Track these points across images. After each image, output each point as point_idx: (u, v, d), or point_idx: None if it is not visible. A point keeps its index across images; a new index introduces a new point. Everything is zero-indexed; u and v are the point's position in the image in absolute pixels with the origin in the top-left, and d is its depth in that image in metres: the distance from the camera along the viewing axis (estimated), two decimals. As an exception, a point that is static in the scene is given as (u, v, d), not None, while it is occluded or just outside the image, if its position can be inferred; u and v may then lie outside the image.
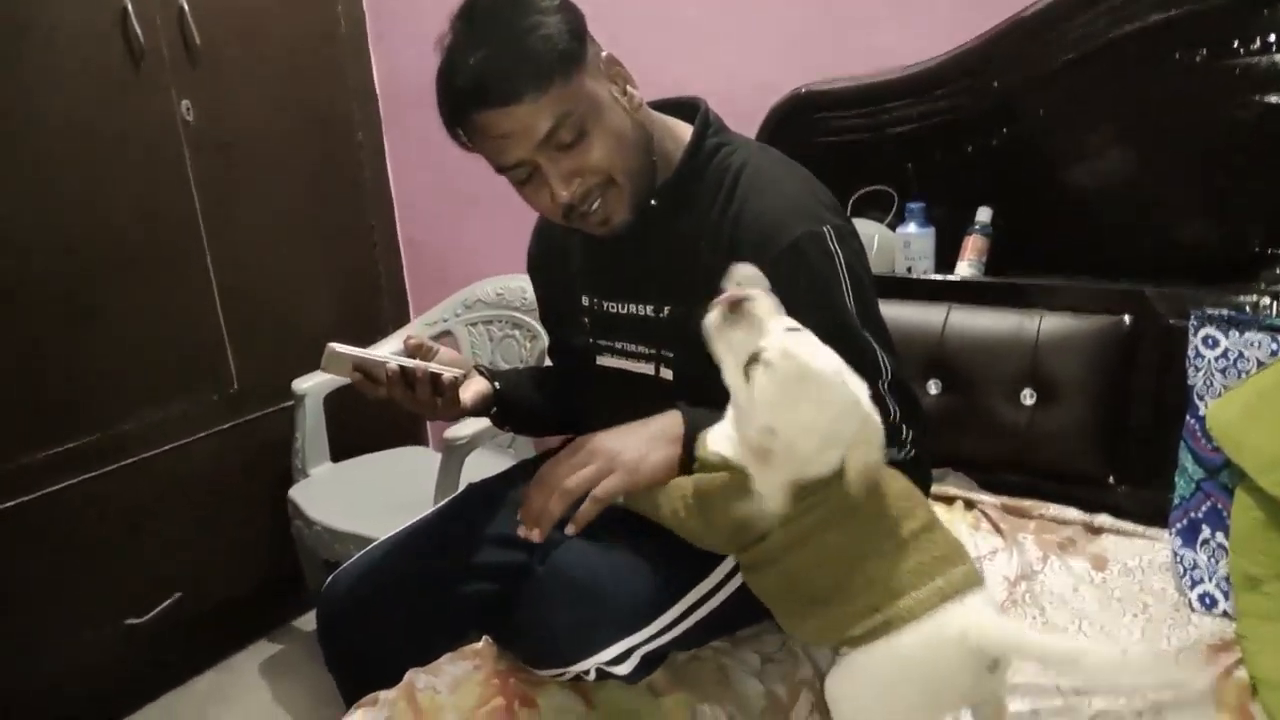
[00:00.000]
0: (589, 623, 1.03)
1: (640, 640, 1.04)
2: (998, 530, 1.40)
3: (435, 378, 1.14)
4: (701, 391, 1.07)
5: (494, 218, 2.46)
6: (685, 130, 1.17)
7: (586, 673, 1.05)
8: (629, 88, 1.11)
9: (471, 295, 2.44)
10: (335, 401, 2.30)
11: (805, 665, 1.14)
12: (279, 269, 2.35)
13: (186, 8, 2.03)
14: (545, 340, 2.20)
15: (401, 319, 2.68)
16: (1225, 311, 1.31)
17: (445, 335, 2.43)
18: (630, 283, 1.21)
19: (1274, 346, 1.26)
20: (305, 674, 2.21)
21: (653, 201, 1.13)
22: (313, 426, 2.28)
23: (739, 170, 1.12)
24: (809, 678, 1.12)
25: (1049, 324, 1.47)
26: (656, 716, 1.08)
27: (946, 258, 1.66)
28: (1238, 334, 1.29)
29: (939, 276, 1.61)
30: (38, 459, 1.89)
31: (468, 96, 1.02)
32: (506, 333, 2.40)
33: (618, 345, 1.25)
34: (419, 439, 2.76)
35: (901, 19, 1.71)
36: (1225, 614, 1.19)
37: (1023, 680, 1.08)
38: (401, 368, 1.11)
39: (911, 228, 1.65)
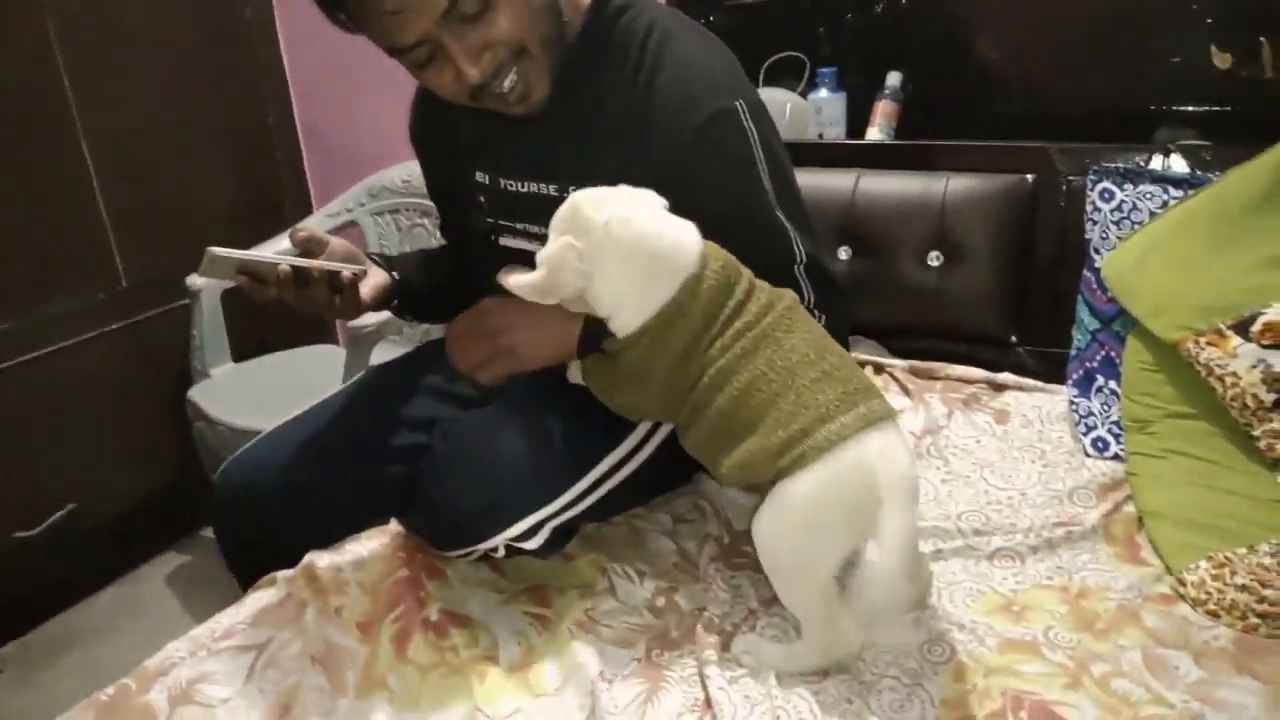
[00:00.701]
0: (494, 498, 1.01)
1: (549, 513, 1.02)
2: (905, 391, 1.42)
3: (332, 276, 1.04)
4: None
5: (399, 100, 2.34)
6: None
7: (495, 550, 1.03)
8: None
9: (377, 183, 2.33)
10: (234, 298, 2.18)
11: (713, 521, 1.14)
12: (166, 154, 2.19)
13: None
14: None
15: (303, 209, 2.55)
16: (1120, 165, 1.32)
17: (350, 226, 2.32)
18: (531, 160, 1.12)
19: (1165, 198, 1.28)
20: (217, 582, 2.16)
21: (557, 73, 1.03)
22: (210, 324, 2.17)
23: (646, 35, 1.04)
24: (716, 532, 1.12)
25: (955, 185, 1.46)
26: (568, 578, 1.07)
27: (858, 124, 1.63)
28: (1132, 186, 1.30)
29: (849, 141, 1.58)
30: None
31: None
32: (415, 221, 2.31)
33: (519, 226, 1.17)
34: (326, 336, 2.66)
35: None
36: (1116, 456, 1.23)
37: (925, 524, 1.11)
38: (294, 268, 1.00)
39: (823, 93, 1.62)
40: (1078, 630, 0.94)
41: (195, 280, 2.13)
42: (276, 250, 1.12)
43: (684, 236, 0.90)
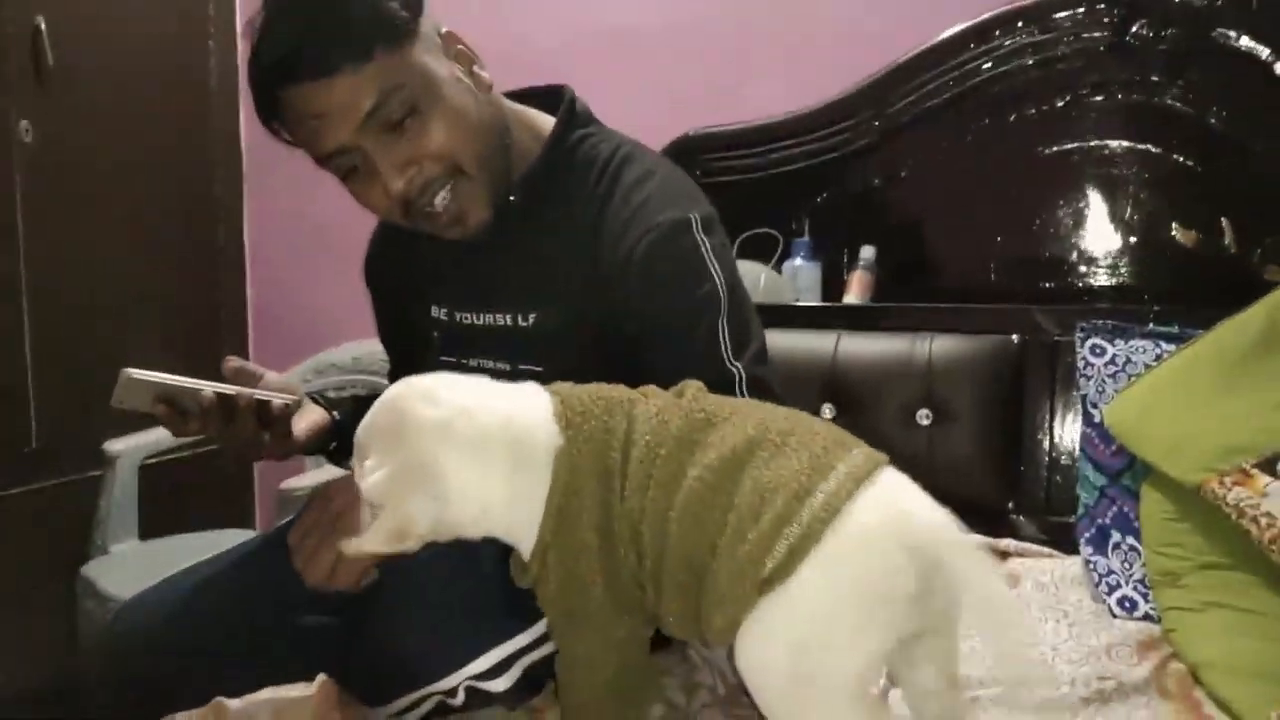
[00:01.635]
0: (455, 627, 0.87)
1: (521, 646, 0.87)
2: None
3: (262, 406, 0.93)
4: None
5: (352, 279, 2.33)
6: (546, 121, 1.04)
7: (453, 694, 0.86)
8: (475, 68, 0.97)
9: (325, 361, 2.24)
10: (153, 472, 2.00)
11: (704, 670, 0.98)
12: (108, 317, 2.10)
13: (44, 27, 1.87)
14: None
15: (241, 388, 2.44)
16: (1109, 322, 1.32)
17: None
18: (486, 290, 1.05)
19: (1158, 350, 1.27)
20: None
21: (511, 198, 0.99)
22: (122, 495, 1.96)
23: (608, 160, 1.01)
24: (710, 682, 0.96)
25: (940, 345, 1.45)
26: None
27: (832, 296, 1.64)
28: (1123, 341, 1.30)
29: (830, 303, 1.59)
30: None
31: (278, 70, 0.87)
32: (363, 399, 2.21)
33: (473, 362, 1.08)
34: (245, 520, 2.44)
35: (786, 72, 1.76)
36: (1147, 616, 1.12)
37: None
38: (219, 394, 0.91)
39: (798, 261, 1.64)
40: (1159, 787, 0.78)
41: (114, 445, 1.96)
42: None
43: (533, 407, 0.73)
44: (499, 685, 0.86)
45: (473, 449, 0.69)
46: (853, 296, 1.60)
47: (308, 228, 2.37)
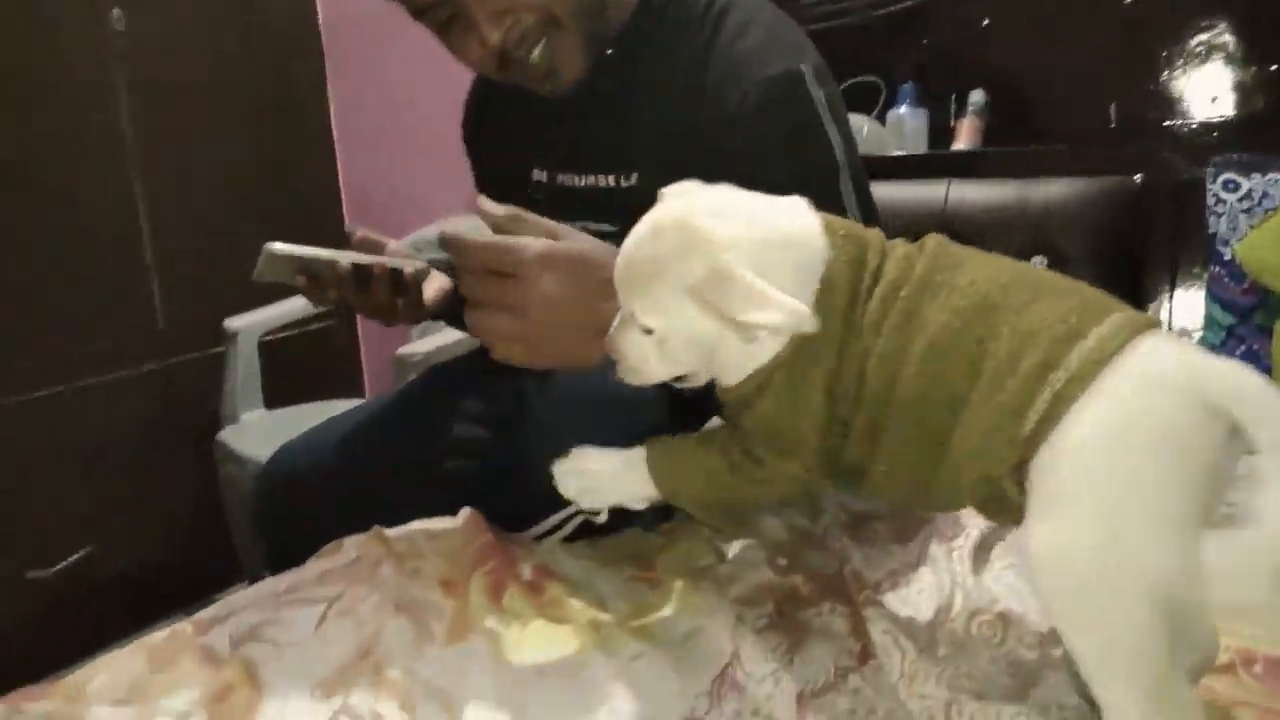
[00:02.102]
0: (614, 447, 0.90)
1: None
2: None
3: (395, 274, 0.97)
4: None
5: (444, 165, 2.36)
6: None
7: (598, 513, 0.91)
8: None
9: (420, 238, 2.29)
10: (268, 348, 2.11)
11: (826, 499, 1.00)
12: (213, 205, 2.19)
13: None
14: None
15: (340, 266, 2.53)
16: (1245, 155, 1.26)
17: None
18: (586, 151, 1.04)
19: (1298, 183, 1.21)
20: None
21: (608, 51, 0.97)
22: (246, 368, 2.08)
23: (708, 6, 0.97)
24: (831, 508, 0.98)
25: (1055, 189, 1.41)
26: (670, 550, 0.93)
27: (939, 145, 1.60)
28: (1260, 175, 1.24)
29: (938, 151, 1.55)
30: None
31: None
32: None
33: (577, 224, 1.05)
34: (354, 390, 2.58)
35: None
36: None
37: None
38: (355, 266, 0.94)
39: (903, 109, 1.59)
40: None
41: (234, 322, 2.06)
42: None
43: (805, 222, 0.66)
44: (634, 506, 0.90)
45: (759, 261, 0.62)
46: (963, 144, 1.55)
47: (393, 108, 2.40)
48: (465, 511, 0.98)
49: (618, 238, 0.93)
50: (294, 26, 2.38)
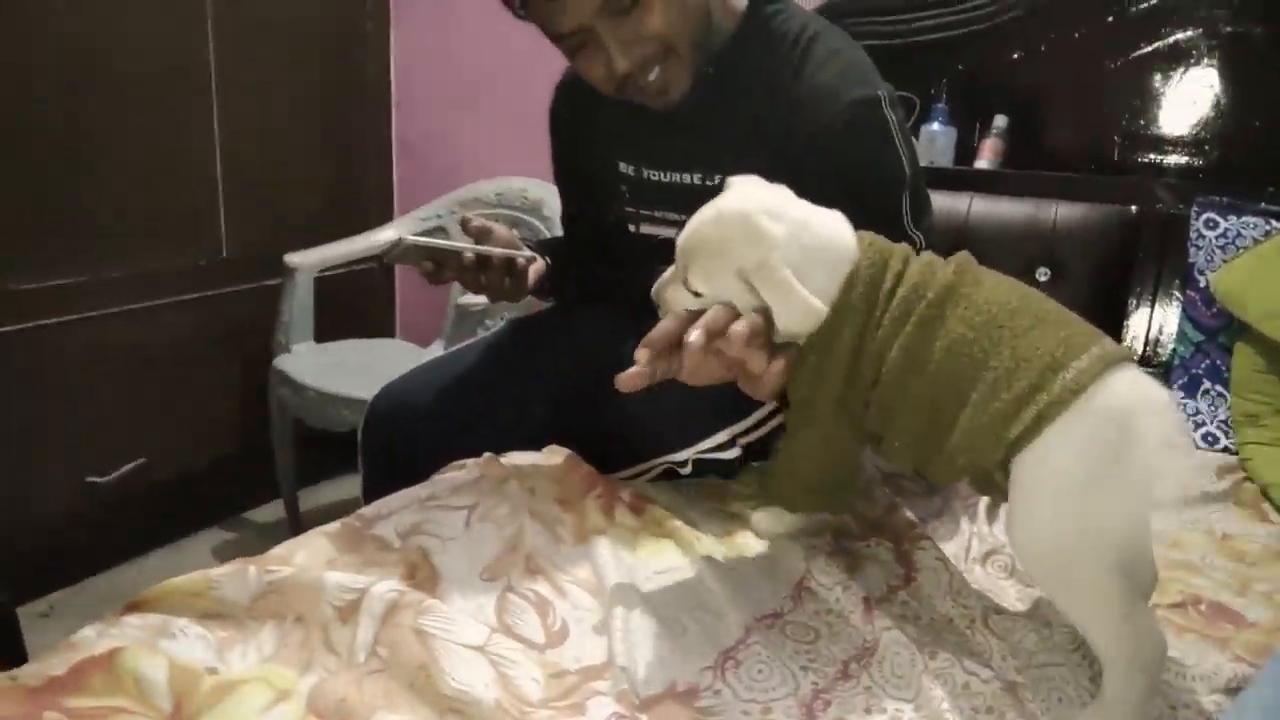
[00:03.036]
0: (699, 410, 1.07)
1: (746, 427, 1.09)
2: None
3: (509, 261, 1.14)
4: None
5: (492, 121, 2.50)
6: None
7: (684, 464, 1.08)
8: None
9: (469, 194, 2.44)
10: (323, 282, 2.26)
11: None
12: (279, 142, 2.32)
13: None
14: (548, 236, 2.23)
15: (386, 211, 2.67)
16: (1224, 198, 1.47)
17: (439, 231, 2.42)
18: (678, 151, 1.18)
19: (1267, 227, 1.43)
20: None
21: (710, 70, 1.10)
22: (302, 303, 2.23)
23: (798, 34, 1.12)
24: (866, 467, 1.17)
25: (1064, 211, 1.61)
26: (743, 490, 1.12)
27: (963, 160, 1.79)
28: (1235, 217, 1.45)
29: (965, 167, 1.74)
30: (19, 289, 1.81)
31: None
32: (504, 231, 2.41)
33: (658, 214, 1.24)
34: (389, 330, 2.75)
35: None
36: (1226, 449, 1.33)
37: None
38: (478, 255, 1.10)
39: (935, 125, 1.77)
40: (1230, 560, 1.01)
41: (294, 258, 2.21)
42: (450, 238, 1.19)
43: (843, 229, 0.82)
44: (729, 454, 1.08)
45: (799, 261, 0.77)
46: (984, 162, 1.74)
47: (452, 69, 2.52)
48: (559, 449, 1.15)
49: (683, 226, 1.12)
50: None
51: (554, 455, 1.14)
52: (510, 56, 2.35)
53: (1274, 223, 1.43)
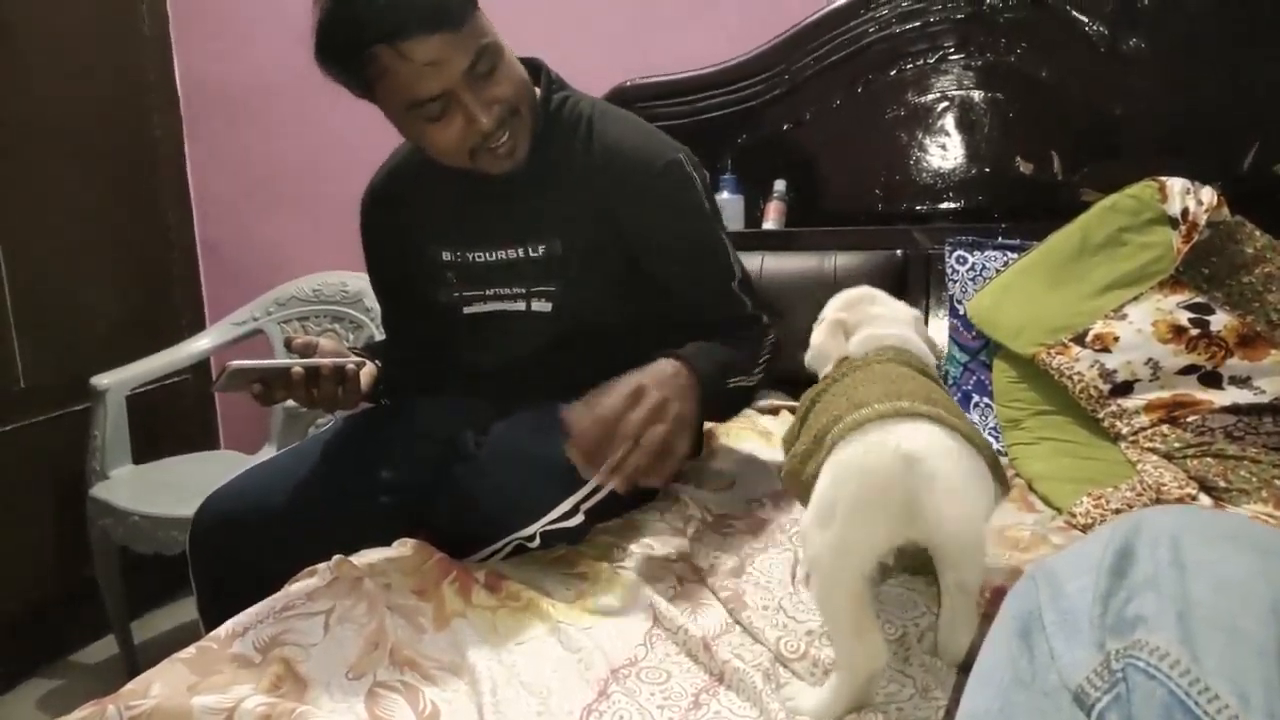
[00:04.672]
0: (534, 486, 1.13)
1: (581, 497, 1.16)
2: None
3: (339, 371, 1.15)
4: (581, 317, 1.26)
5: (299, 216, 2.51)
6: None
7: (532, 539, 1.13)
8: None
9: (285, 293, 2.42)
10: (133, 402, 2.18)
11: (692, 506, 1.30)
12: (71, 263, 2.23)
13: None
14: (371, 330, 2.26)
15: (197, 319, 2.60)
16: (970, 237, 1.72)
17: (256, 335, 2.39)
18: (496, 230, 1.27)
19: (1005, 258, 1.67)
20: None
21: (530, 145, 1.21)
22: (115, 425, 2.14)
23: (589, 114, 1.27)
24: (699, 515, 1.28)
25: (843, 260, 1.81)
26: (588, 553, 1.19)
27: (752, 223, 1.98)
28: (980, 252, 1.69)
29: (753, 229, 1.92)
30: None
31: (394, 21, 1.04)
32: (326, 327, 2.41)
33: (489, 292, 1.32)
34: (212, 442, 2.65)
35: (704, 26, 2.05)
36: (998, 452, 1.53)
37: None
38: (307, 369, 1.11)
39: (725, 194, 1.95)
40: (1006, 549, 1.18)
41: (101, 380, 2.12)
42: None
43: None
44: (574, 522, 1.14)
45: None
46: (770, 223, 1.94)
47: (252, 169, 2.51)
48: (407, 540, 1.19)
49: (526, 299, 1.26)
50: (155, 86, 2.45)
51: (404, 547, 1.18)
52: (310, 152, 2.38)
53: (1010, 254, 1.67)
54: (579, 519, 1.16)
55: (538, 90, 1.26)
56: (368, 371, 1.28)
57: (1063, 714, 0.43)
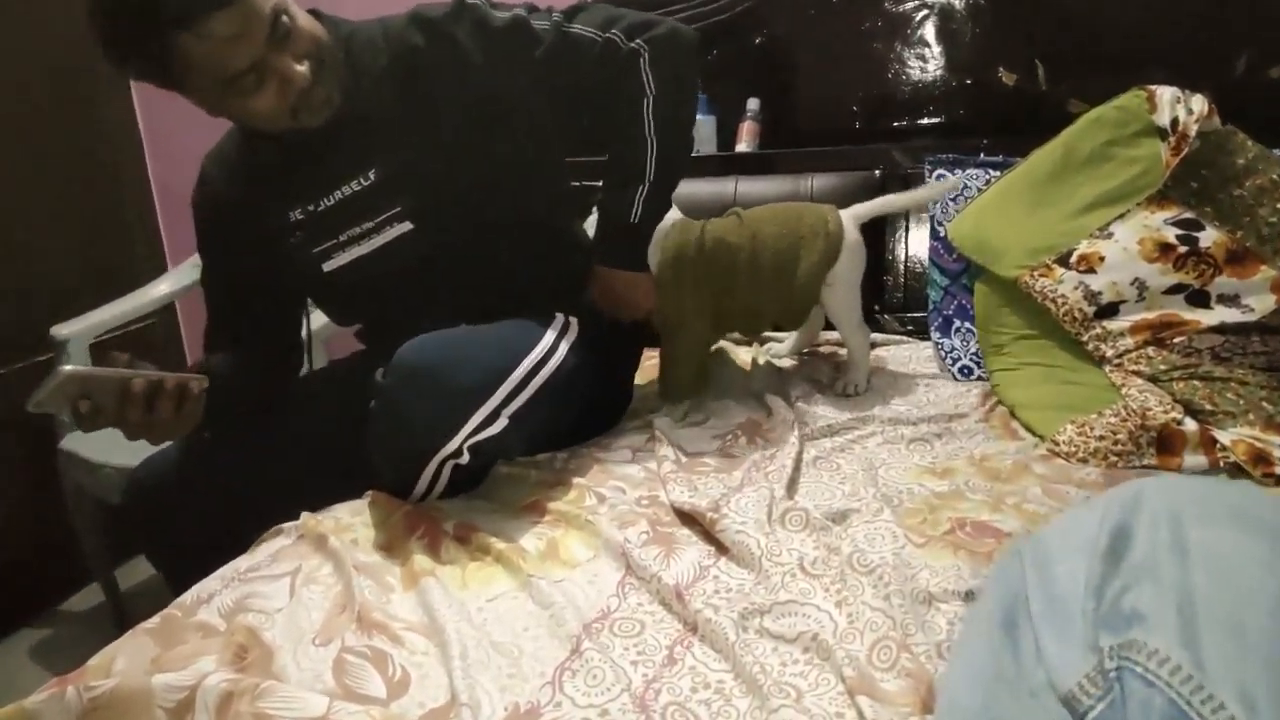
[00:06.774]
0: (444, 401, 1.08)
1: (498, 403, 1.13)
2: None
3: (182, 388, 1.04)
4: (444, 222, 1.25)
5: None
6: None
7: (459, 454, 1.10)
8: None
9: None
10: (101, 351, 2.12)
11: (665, 447, 1.27)
12: (20, 213, 2.14)
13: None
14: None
15: (157, 263, 2.52)
16: (950, 155, 1.65)
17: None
18: (332, 170, 1.25)
19: (987, 176, 1.62)
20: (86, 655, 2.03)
21: (346, 77, 1.20)
22: (79, 374, 2.08)
23: (377, 34, 1.25)
24: (672, 455, 1.25)
25: (819, 182, 1.75)
26: (558, 496, 1.16)
27: (726, 145, 1.90)
28: (961, 170, 1.63)
29: (727, 153, 1.85)
30: None
31: (182, 4, 1.01)
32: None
33: (342, 237, 1.27)
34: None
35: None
36: (979, 378, 1.51)
37: (843, 415, 1.33)
38: (148, 381, 0.99)
39: (697, 116, 1.87)
40: (988, 480, 1.16)
41: (61, 329, 2.05)
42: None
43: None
44: (495, 429, 1.11)
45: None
46: (744, 144, 1.86)
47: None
48: (373, 492, 1.16)
49: (377, 231, 1.26)
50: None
51: (370, 499, 1.15)
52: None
53: (993, 172, 1.61)
54: (502, 423, 1.13)
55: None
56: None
57: (1050, 716, 0.40)
